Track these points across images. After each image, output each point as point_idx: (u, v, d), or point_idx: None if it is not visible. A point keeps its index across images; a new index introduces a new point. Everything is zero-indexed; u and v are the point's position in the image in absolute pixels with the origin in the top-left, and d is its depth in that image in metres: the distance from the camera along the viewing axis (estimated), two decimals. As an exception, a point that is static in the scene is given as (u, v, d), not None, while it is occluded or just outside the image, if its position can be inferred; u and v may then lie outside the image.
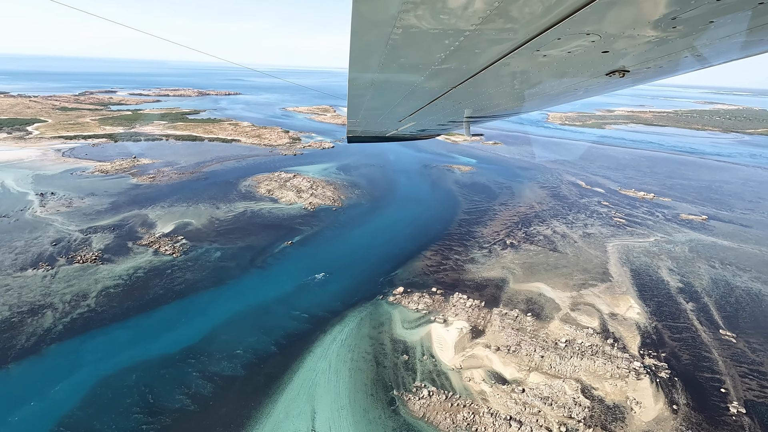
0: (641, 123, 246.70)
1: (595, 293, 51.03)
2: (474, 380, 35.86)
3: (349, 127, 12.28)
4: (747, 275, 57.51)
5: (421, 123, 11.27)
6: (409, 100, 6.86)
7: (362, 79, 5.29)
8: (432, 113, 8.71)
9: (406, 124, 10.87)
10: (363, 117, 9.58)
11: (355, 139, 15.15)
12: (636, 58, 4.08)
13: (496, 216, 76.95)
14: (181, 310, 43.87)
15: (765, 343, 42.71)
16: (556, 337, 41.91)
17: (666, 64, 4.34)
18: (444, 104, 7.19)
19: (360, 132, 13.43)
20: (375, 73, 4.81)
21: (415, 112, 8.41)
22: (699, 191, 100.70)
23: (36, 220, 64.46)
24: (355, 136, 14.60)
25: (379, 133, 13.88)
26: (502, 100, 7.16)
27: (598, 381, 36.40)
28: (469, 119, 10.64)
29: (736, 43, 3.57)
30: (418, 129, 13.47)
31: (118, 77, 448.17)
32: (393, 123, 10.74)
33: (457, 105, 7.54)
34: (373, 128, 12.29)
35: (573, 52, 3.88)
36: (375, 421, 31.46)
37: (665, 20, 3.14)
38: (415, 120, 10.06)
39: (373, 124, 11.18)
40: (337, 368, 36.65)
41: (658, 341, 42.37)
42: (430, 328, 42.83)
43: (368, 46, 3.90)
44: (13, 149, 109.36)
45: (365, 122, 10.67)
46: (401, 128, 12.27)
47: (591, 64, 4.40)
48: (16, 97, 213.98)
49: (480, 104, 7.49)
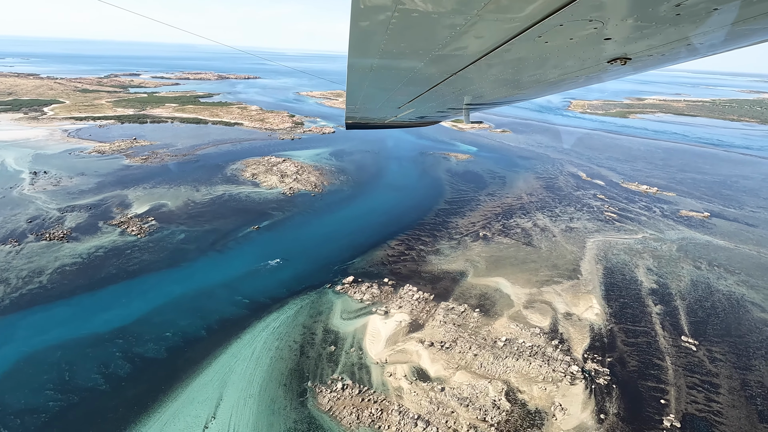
0: (671, 112, 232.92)
1: (557, 291, 48.45)
2: (395, 376, 34.70)
3: (348, 114, 12.05)
4: (734, 278, 53.26)
5: (421, 110, 11.24)
6: (409, 87, 6.83)
7: (361, 65, 5.28)
8: (431, 100, 8.66)
9: (405, 111, 10.88)
10: (362, 103, 9.52)
11: (353, 125, 14.88)
12: (638, 46, 4.03)
13: (478, 206, 74.32)
14: (126, 290, 44.49)
15: (729, 353, 39.43)
16: (497, 336, 40.03)
17: (668, 52, 4.26)
18: (444, 91, 7.16)
19: (359, 119, 13.34)
20: (374, 58, 4.79)
21: (415, 99, 8.36)
22: (710, 186, 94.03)
23: (21, 198, 66.88)
24: (354, 123, 14.40)
25: (378, 119, 13.86)
26: (503, 87, 7.06)
27: (528, 384, 34.51)
28: (468, 106, 10.52)
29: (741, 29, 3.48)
30: (417, 116, 13.44)
31: (146, 60, 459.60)
32: (392, 110, 10.74)
33: (457, 92, 7.51)
34: (372, 115, 12.24)
35: (575, 39, 3.87)
36: (278, 412, 30.93)
37: (668, 7, 3.13)
38: (415, 107, 10.04)
39: (372, 111, 11.15)
40: (259, 356, 36.26)
41: (608, 345, 39.80)
42: (369, 319, 41.75)
43: (368, 31, 3.90)
44: (24, 128, 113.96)
45: (364, 109, 10.65)
46: (400, 115, 12.25)
47: (593, 51, 4.33)
48: (44, 79, 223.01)
49: (480, 91, 7.46)
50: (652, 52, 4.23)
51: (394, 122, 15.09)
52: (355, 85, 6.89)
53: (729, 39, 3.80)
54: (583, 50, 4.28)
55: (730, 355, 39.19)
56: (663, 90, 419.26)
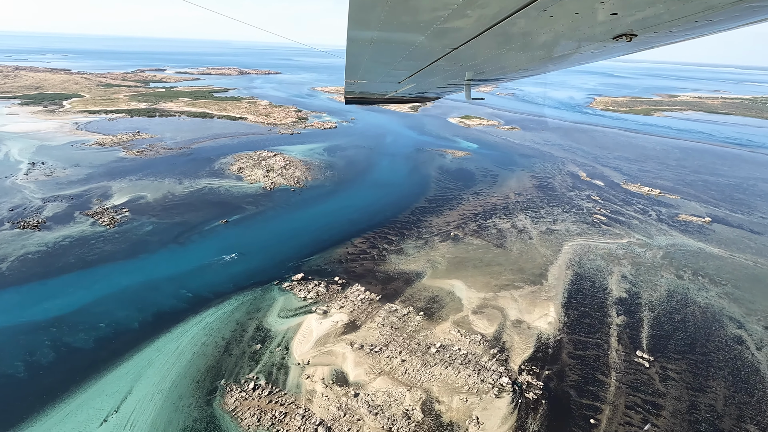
0: (702, 110, 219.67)
1: (514, 297, 45.97)
2: (312, 378, 33.62)
3: (347, 88, 11.75)
4: (717, 290, 49.05)
5: (422, 85, 11.06)
6: (410, 61, 6.71)
7: (361, 38, 5.15)
8: (433, 75, 8.53)
9: (405, 85, 10.68)
10: (361, 77, 9.36)
11: (353, 100, 14.82)
12: (645, 22, 3.95)
13: (459, 205, 71.88)
14: (76, 280, 45.34)
15: (686, 372, 36.14)
16: (433, 341, 38.23)
17: (676, 29, 4.14)
18: (445, 66, 7.05)
19: (358, 93, 13.22)
20: (375, 31, 4.69)
21: (415, 74, 8.22)
22: (722, 189, 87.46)
23: (11, 187, 69.73)
24: (354, 98, 14.36)
25: (378, 94, 13.68)
26: (505, 63, 6.92)
27: (450, 394, 32.69)
28: (470, 82, 10.36)
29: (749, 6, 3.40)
30: (418, 91, 13.25)
31: (176, 56, 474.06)
32: (392, 84, 10.59)
33: (459, 67, 7.34)
34: (372, 90, 12.10)
35: (581, 14, 3.80)
36: (182, 410, 30.49)
37: None
38: (415, 82, 9.86)
39: (372, 85, 11.00)
40: (182, 351, 36.01)
41: (551, 357, 37.27)
42: (305, 319, 40.81)
43: (368, 2, 3.84)
44: (38, 121, 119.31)
45: (364, 83, 10.47)
46: (401, 90, 12.02)
47: (598, 26, 4.23)
48: (72, 74, 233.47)
49: (482, 66, 7.32)
50: (659, 29, 4.10)
51: (394, 97, 14.80)
52: (355, 59, 6.69)
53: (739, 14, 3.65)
54: (589, 25, 4.18)
55: (686, 374, 35.90)
56: (701, 87, 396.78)
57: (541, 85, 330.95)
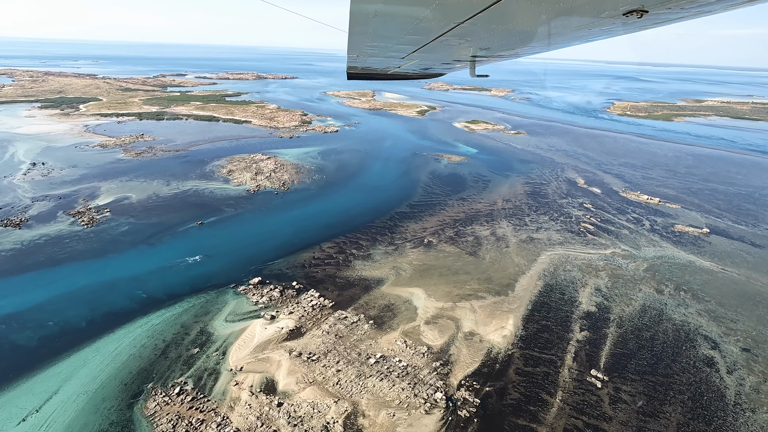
0: (729, 116, 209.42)
1: (474, 307, 44.12)
2: (241, 385, 32.90)
3: (349, 63, 11.81)
4: (698, 306, 45.76)
5: (426, 61, 10.97)
6: (414, 35, 6.64)
7: (365, 11, 5.08)
8: (437, 51, 8.44)
9: (409, 61, 10.63)
10: (364, 52, 9.24)
11: (355, 75, 14.82)
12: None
13: (441, 211, 70.18)
14: (39, 278, 46.25)
15: (641, 394, 33.57)
16: (375, 352, 36.92)
17: (688, 4, 4.04)
18: (450, 41, 6.96)
19: (360, 69, 13.19)
20: (378, 4, 4.66)
21: (420, 49, 8.12)
22: (729, 199, 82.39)
23: (6, 186, 72.39)
24: (356, 73, 14.31)
25: (380, 70, 13.63)
26: (512, 38, 6.77)
27: (377, 408, 31.33)
28: (475, 58, 10.23)
29: None
30: (421, 67, 13.21)
31: (201, 62, 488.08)
32: (396, 60, 10.53)
33: (464, 42, 7.25)
34: (375, 65, 12.06)
35: None
36: (101, 412, 30.29)
37: None
38: (419, 57, 9.82)
39: (375, 60, 10.87)
40: (120, 352, 35.97)
41: (496, 372, 35.36)
42: (251, 324, 40.22)
43: None
44: (51, 123, 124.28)
45: (366, 58, 10.34)
46: (404, 66, 12.01)
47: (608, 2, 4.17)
48: (96, 79, 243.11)
49: (488, 42, 7.20)
50: (671, 4, 3.97)
51: (397, 73, 14.59)
52: (358, 32, 6.54)
53: None
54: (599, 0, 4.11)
55: (640, 397, 33.34)
56: (733, 91, 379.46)
57: (560, 89, 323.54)
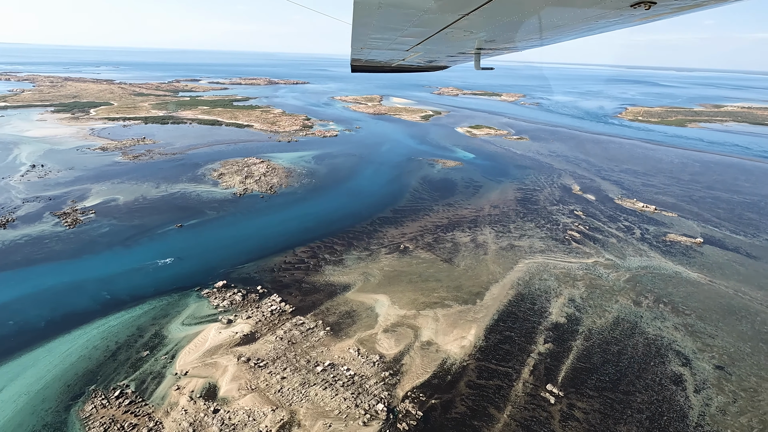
0: (747, 121, 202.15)
1: (437, 316, 42.94)
2: (182, 390, 32.54)
3: (353, 55, 11.89)
4: (676, 320, 43.53)
5: (430, 53, 10.91)
6: (419, 27, 6.61)
7: (369, 2, 5.06)
8: (442, 43, 8.44)
9: (414, 53, 10.59)
10: (368, 44, 9.25)
11: (359, 68, 14.84)
12: None
13: (425, 216, 69.08)
14: (9, 277, 47.04)
15: (596, 412, 31.87)
16: (324, 359, 36.13)
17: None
18: (455, 33, 6.93)
19: (364, 61, 13.22)
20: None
21: (424, 41, 8.10)
22: (732, 207, 78.88)
23: (2, 187, 74.42)
24: (360, 66, 14.33)
25: (384, 62, 13.66)
26: (518, 30, 6.78)
27: (315, 418, 30.51)
28: (480, 51, 10.23)
29: None
30: (426, 60, 13.22)
31: (217, 67, 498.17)
32: (400, 52, 10.53)
33: (469, 34, 7.22)
34: (379, 57, 12.08)
35: None
36: (37, 414, 30.29)
37: None
38: (424, 50, 9.77)
39: (379, 53, 10.88)
40: (71, 353, 36.10)
41: (446, 384, 34.13)
42: (207, 327, 39.95)
43: None
44: (59, 126, 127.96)
45: (370, 50, 10.36)
46: (408, 58, 12.02)
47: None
48: (112, 85, 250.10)
49: (494, 34, 7.19)
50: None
51: (401, 65, 14.49)
52: (362, 24, 6.49)
53: None
54: None
55: (594, 415, 31.65)
56: (757, 96, 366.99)
57: (573, 94, 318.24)
